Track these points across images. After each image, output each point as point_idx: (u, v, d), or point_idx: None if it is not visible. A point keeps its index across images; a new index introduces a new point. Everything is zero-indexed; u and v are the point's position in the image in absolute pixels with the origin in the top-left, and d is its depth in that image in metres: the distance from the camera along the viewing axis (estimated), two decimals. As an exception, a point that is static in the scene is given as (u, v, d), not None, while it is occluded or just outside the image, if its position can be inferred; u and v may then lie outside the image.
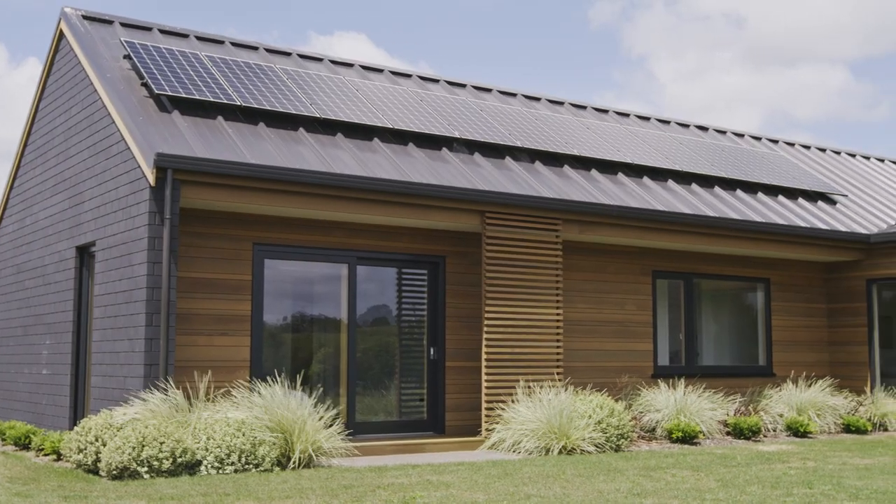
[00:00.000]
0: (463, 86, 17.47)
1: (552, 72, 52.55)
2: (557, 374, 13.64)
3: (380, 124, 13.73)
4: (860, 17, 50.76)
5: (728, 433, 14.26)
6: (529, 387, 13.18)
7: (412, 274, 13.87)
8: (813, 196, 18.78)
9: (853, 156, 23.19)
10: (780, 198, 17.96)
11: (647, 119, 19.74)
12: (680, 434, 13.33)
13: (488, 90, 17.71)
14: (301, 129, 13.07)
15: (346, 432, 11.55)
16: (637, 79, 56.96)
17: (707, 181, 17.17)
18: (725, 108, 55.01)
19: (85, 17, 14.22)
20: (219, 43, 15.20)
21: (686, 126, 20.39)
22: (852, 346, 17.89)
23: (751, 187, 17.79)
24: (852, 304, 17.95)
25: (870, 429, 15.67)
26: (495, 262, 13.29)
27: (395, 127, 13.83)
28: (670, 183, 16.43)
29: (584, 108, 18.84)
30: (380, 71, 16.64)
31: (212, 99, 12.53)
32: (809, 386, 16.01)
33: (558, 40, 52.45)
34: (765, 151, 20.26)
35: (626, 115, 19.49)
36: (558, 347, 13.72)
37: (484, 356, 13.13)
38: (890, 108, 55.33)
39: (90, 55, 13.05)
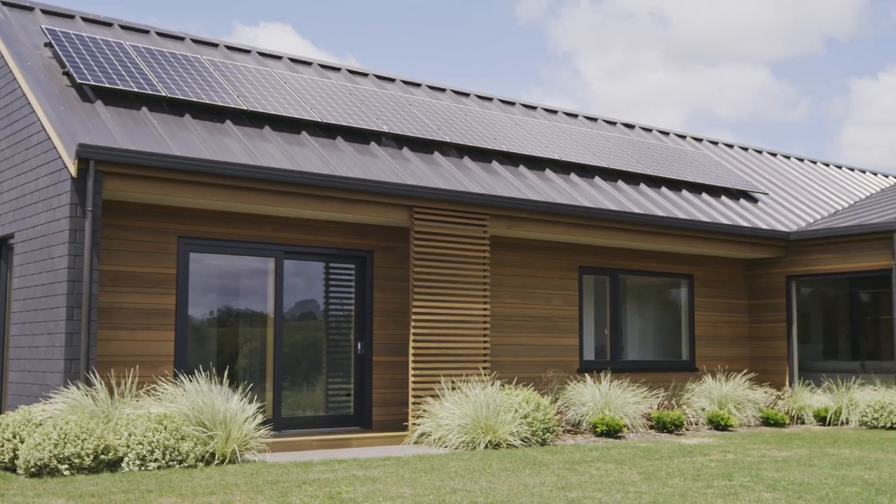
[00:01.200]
0: (392, 80, 17.43)
1: (480, 67, 52.70)
2: (484, 368, 13.68)
3: (308, 118, 13.63)
4: (781, 18, 51.82)
5: (651, 427, 14.47)
6: (456, 382, 13.21)
7: (340, 268, 13.81)
8: (735, 194, 19.12)
9: (774, 155, 23.67)
10: (704, 195, 18.25)
11: (574, 116, 19.91)
12: (605, 428, 13.48)
13: (417, 85, 17.70)
14: (228, 122, 12.92)
15: (273, 428, 11.46)
16: (564, 75, 57.39)
17: (633, 178, 17.38)
18: (650, 106, 55.72)
19: (4, 3, 13.86)
20: (144, 32, 14.95)
21: (613, 124, 20.62)
22: (772, 341, 18.27)
23: (676, 185, 18.05)
24: (772, 300, 18.33)
25: (787, 422, 16.03)
26: (423, 256, 13.29)
27: (324, 121, 13.74)
28: (597, 180, 16.59)
29: (512, 104, 18.94)
30: (308, 64, 16.52)
31: (136, 89, 12.31)
32: (730, 380, 16.31)
33: (486, 36, 52.61)
34: (689, 150, 20.57)
35: (555, 112, 19.63)
36: (485, 342, 13.77)
37: (411, 351, 13.13)
38: (808, 108, 56.62)
39: (9, 42, 12.73)
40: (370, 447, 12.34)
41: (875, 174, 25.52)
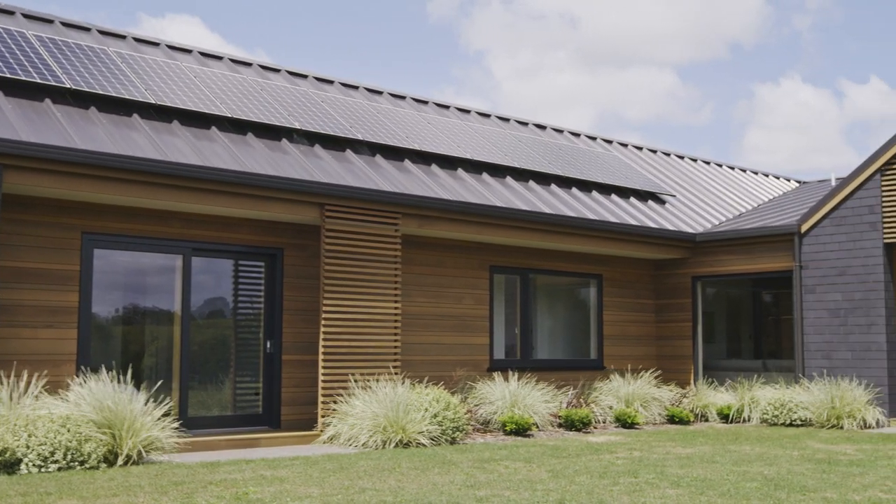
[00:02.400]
0: (304, 76, 17.29)
1: (392, 65, 52.58)
2: (395, 367, 13.66)
3: (218, 113, 13.43)
4: (688, 23, 52.82)
5: (560, 425, 14.61)
6: (367, 380, 13.16)
7: (249, 266, 13.64)
8: (644, 195, 19.42)
9: (682, 158, 24.11)
10: (614, 196, 18.50)
11: (487, 116, 20.00)
12: (514, 426, 13.56)
13: (330, 82, 17.59)
14: (135, 116, 12.66)
15: (179, 427, 11.25)
16: (475, 75, 57.59)
17: (544, 179, 17.53)
18: (559, 107, 56.24)
19: None
20: (48, 22, 14.56)
21: (525, 124, 20.77)
22: (678, 340, 18.61)
23: (586, 186, 18.26)
24: (678, 299, 18.67)
25: (692, 419, 16.35)
26: (334, 255, 13.21)
27: (234, 116, 13.56)
28: (509, 179, 16.69)
29: (425, 103, 18.94)
30: (219, 58, 16.28)
31: (39, 81, 11.98)
32: (637, 379, 16.57)
33: (397, 34, 52.50)
34: (600, 151, 20.83)
35: (467, 111, 19.70)
36: (396, 341, 13.75)
37: (321, 349, 13.03)
38: (713, 111, 57.82)
39: None
40: (279, 447, 12.21)
41: (777, 178, 26.18)
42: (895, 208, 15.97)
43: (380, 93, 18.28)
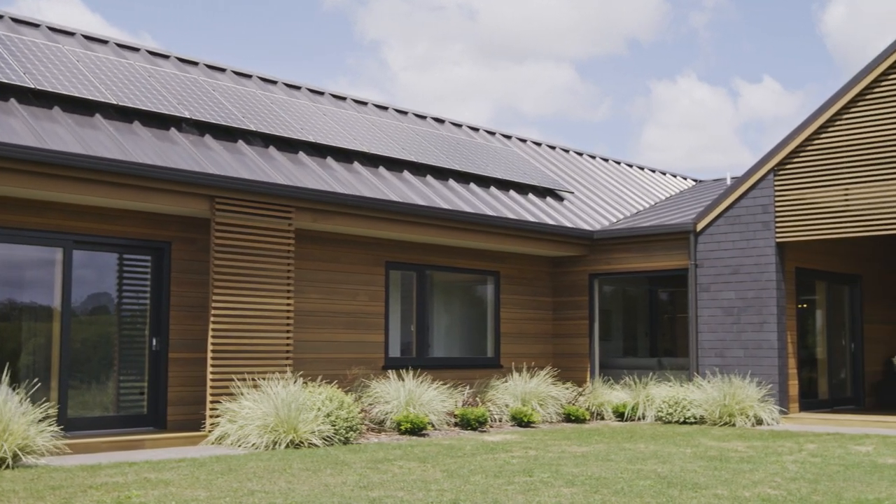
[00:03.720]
0: (195, 64, 16.75)
1: (283, 53, 51.68)
2: (287, 366, 13.32)
3: (103, 99, 12.87)
4: (586, 19, 53.34)
5: (456, 424, 14.45)
6: (258, 379, 12.79)
7: (135, 260, 13.11)
8: (542, 192, 19.41)
9: (580, 154, 24.23)
10: (512, 192, 18.43)
11: (385, 109, 19.73)
12: (409, 426, 13.35)
13: (222, 70, 17.09)
14: (12, 100, 12.02)
15: (58, 429, 10.73)
16: (370, 65, 57.14)
17: (442, 173, 17.35)
18: (456, 100, 56.21)
19: None
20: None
21: (423, 118, 20.56)
22: (575, 338, 18.64)
23: (484, 181, 18.14)
24: (576, 297, 18.70)
25: (588, 418, 16.37)
26: (224, 249, 12.79)
27: (120, 103, 13.01)
28: (406, 174, 16.46)
29: (321, 94, 18.58)
30: (105, 42, 15.65)
31: None
32: (534, 377, 16.51)
33: (289, 20, 51.61)
34: (498, 146, 20.76)
35: (364, 103, 19.39)
36: (288, 339, 13.41)
37: (210, 347, 12.62)
38: (611, 108, 58.56)
39: None
40: (165, 448, 11.78)
41: (675, 176, 26.54)
42: (787, 208, 16.23)
43: (274, 82, 17.85)
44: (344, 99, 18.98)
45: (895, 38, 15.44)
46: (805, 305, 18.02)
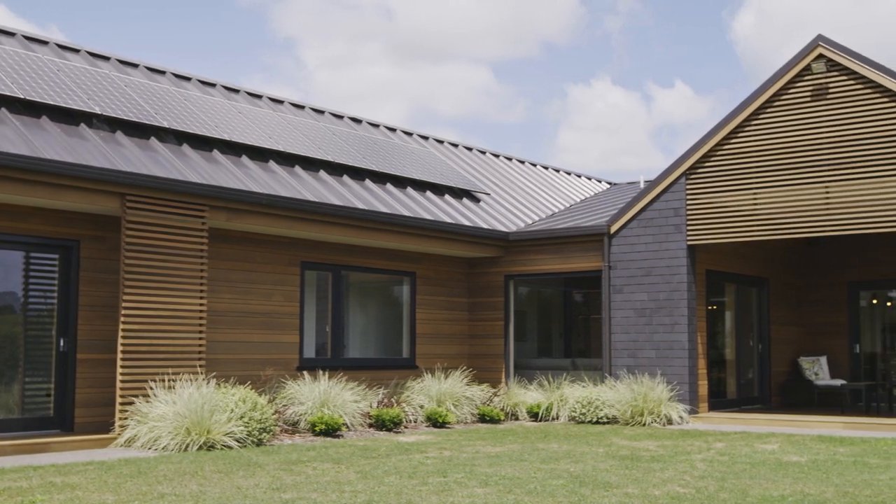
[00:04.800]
0: (107, 58, 16.39)
1: (196, 49, 50.82)
2: (200, 366, 13.12)
3: (9, 93, 12.51)
4: (502, 20, 53.52)
5: (371, 425, 14.40)
6: (170, 380, 12.58)
7: (42, 258, 12.78)
8: (459, 193, 19.46)
9: (497, 156, 24.35)
10: (429, 193, 18.44)
11: (301, 108, 19.58)
12: (323, 427, 13.26)
13: (135, 65, 16.76)
14: (-87, 93, 11.64)
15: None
16: (286, 63, 56.58)
17: (359, 173, 17.28)
18: (373, 100, 55.98)
19: None
20: None
21: (340, 117, 20.45)
22: (490, 339, 18.73)
23: (401, 182, 18.12)
24: (491, 298, 18.79)
25: (503, 418, 16.45)
26: (136, 248, 12.55)
27: (28, 98, 12.67)
28: (322, 173, 16.36)
29: (237, 91, 18.35)
30: (11, 34, 15.23)
31: None
32: (449, 378, 16.54)
33: (202, 16, 50.76)
34: (416, 147, 20.75)
35: (281, 101, 19.21)
36: (201, 339, 13.21)
37: (120, 348, 12.36)
38: (527, 110, 58.96)
39: None
40: (72, 451, 11.51)
41: (590, 179, 26.84)
42: (698, 212, 16.54)
43: (188, 79, 17.57)
44: (260, 97, 18.78)
45: (802, 46, 15.84)
46: (715, 307, 18.39)
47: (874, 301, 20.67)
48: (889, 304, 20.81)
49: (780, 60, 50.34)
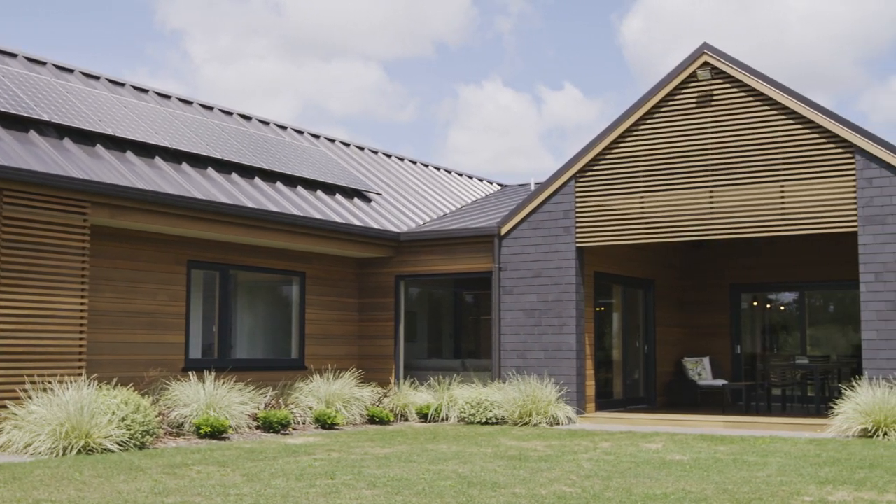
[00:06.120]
0: (-17, 49, 15.79)
1: (80, 40, 49.28)
2: (81, 368, 12.73)
3: None
4: (394, 19, 53.40)
5: (258, 427, 14.19)
6: (48, 382, 12.16)
7: (-89, 255, 12.22)
8: (350, 193, 19.34)
9: (389, 156, 24.29)
10: (320, 193, 18.28)
11: (189, 103, 19.18)
12: (209, 429, 13.00)
13: (13, 55, 16.16)
14: None
15: None
16: (172, 56, 55.38)
17: (248, 171, 17.01)
18: (262, 96, 55.18)
19: None
20: None
21: (230, 114, 20.11)
22: (380, 339, 18.66)
23: (291, 180, 17.91)
24: (382, 298, 18.72)
25: (392, 419, 16.40)
26: (12, 245, 12.10)
27: None
28: (210, 171, 16.05)
29: (122, 85, 17.86)
30: None
31: None
32: (339, 379, 16.42)
33: (86, 8, 49.29)
34: (306, 146, 20.55)
35: (168, 96, 18.78)
36: (82, 339, 12.82)
37: (-5, 348, 11.91)
38: (418, 109, 58.99)
39: None
40: (-59, 456, 11.03)
41: (481, 180, 26.99)
42: (587, 214, 16.77)
43: (71, 71, 17.03)
44: (146, 91, 18.32)
45: (688, 52, 16.22)
46: (602, 308, 18.68)
47: (755, 303, 21.30)
48: (769, 306, 21.47)
49: (667, 65, 51.60)
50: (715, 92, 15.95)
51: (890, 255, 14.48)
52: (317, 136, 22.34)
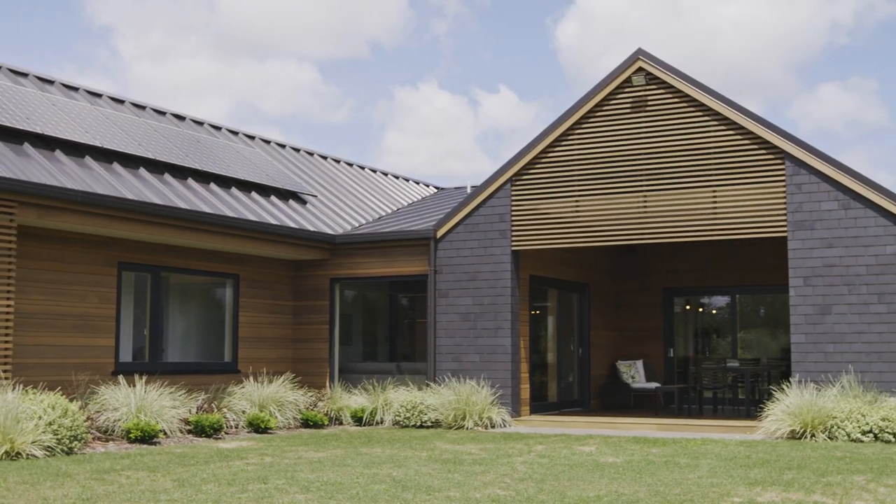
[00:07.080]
0: None
1: (4, 35, 48.21)
2: (5, 372, 12.43)
3: None
4: (329, 19, 53.02)
5: (190, 431, 13.98)
6: (-29, 386, 11.86)
7: None
8: (285, 195, 19.18)
9: (325, 158, 24.15)
10: (254, 194, 18.09)
11: (121, 102, 18.85)
12: (139, 434, 12.79)
13: (-61, 53, 15.78)
14: None
15: None
16: (101, 53, 54.39)
17: (181, 172, 16.78)
18: (193, 94, 54.42)
19: None
20: None
21: (162, 113, 19.82)
22: (315, 342, 18.52)
23: (225, 182, 17.70)
24: (316, 301, 18.59)
25: (327, 423, 16.30)
26: (-65, 245, 11.78)
27: None
28: (142, 171, 15.79)
29: (51, 83, 17.51)
30: None
31: None
32: (273, 382, 16.26)
33: (11, 1, 48.24)
34: (241, 147, 20.33)
35: (99, 95, 18.45)
36: (7, 342, 12.53)
37: (-84, 352, 11.58)
38: (353, 111, 58.72)
39: None
40: None
41: (417, 183, 26.96)
42: (523, 218, 16.83)
43: (-2, 69, 16.67)
44: (76, 89, 17.98)
45: (622, 58, 16.36)
46: (538, 312, 18.76)
47: (687, 307, 21.56)
48: (701, 310, 21.75)
49: (601, 69, 52.11)
50: (649, 97, 16.11)
51: (818, 260, 14.75)
52: (252, 137, 22.13)
